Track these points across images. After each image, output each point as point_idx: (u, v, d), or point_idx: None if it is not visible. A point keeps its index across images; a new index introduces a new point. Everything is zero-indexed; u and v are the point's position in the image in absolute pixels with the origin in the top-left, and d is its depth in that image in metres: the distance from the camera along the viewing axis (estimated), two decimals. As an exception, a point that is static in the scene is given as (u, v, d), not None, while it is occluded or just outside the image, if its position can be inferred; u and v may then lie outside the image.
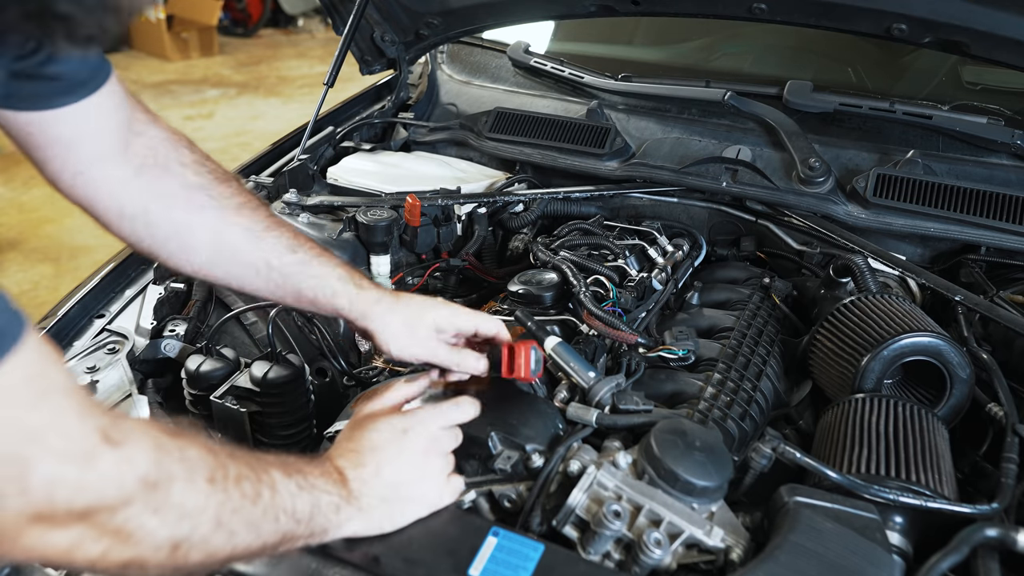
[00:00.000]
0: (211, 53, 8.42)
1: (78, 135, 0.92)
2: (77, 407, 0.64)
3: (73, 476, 0.62)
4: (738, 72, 2.07)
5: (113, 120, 0.96)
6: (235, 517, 0.73)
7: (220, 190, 1.04)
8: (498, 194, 1.78)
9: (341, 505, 0.84)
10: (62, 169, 0.94)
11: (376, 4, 1.96)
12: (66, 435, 0.62)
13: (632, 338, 1.23)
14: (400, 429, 0.93)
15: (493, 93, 2.15)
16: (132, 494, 0.65)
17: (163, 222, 1.01)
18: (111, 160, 0.97)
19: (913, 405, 1.12)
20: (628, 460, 0.95)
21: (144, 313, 1.47)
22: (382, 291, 1.08)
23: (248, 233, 1.04)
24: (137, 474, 0.66)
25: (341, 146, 2.04)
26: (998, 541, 0.90)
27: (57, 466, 0.61)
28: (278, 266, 1.04)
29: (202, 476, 0.71)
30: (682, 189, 1.75)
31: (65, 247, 4.22)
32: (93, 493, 0.63)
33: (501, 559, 0.83)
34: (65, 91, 0.88)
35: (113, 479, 0.64)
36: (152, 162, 1.01)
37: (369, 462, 0.89)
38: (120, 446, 0.65)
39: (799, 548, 0.84)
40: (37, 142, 0.91)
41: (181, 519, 0.69)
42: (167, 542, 0.68)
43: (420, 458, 0.92)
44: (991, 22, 1.41)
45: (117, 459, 0.65)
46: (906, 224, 1.57)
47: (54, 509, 0.61)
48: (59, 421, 0.62)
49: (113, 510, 0.65)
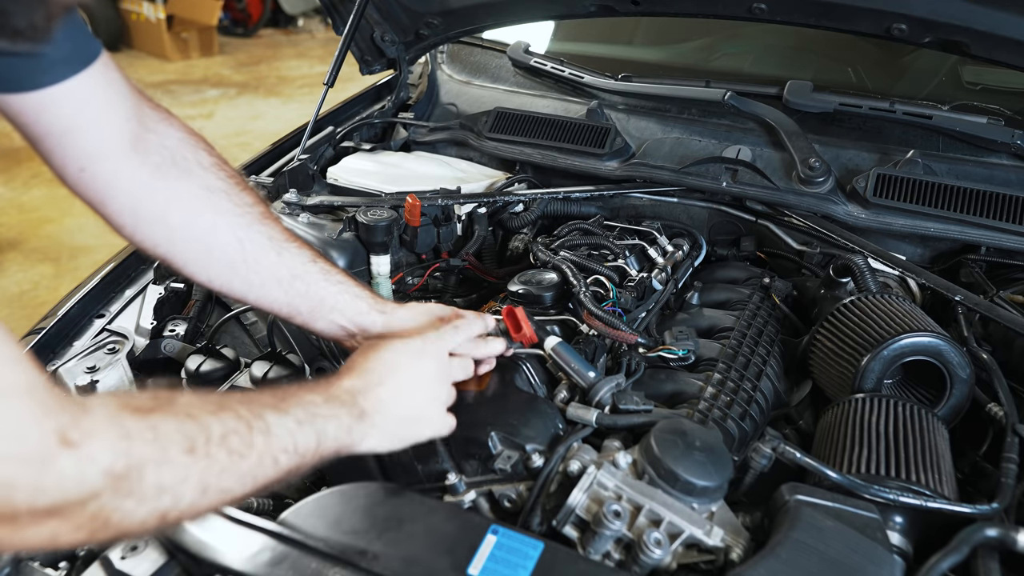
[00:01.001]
0: (211, 53, 8.43)
1: (73, 123, 0.89)
2: (33, 408, 0.62)
3: (30, 479, 0.61)
4: (738, 72, 2.07)
5: (112, 108, 0.93)
6: (223, 476, 0.73)
7: (242, 196, 1.03)
8: (498, 194, 1.78)
9: (353, 425, 0.86)
10: (64, 163, 0.91)
11: (376, 4, 1.96)
12: (20, 438, 0.60)
13: (632, 338, 1.23)
14: (416, 351, 0.96)
15: (493, 93, 2.15)
16: (97, 488, 0.64)
17: (184, 227, 0.98)
18: (120, 156, 0.94)
19: (913, 405, 1.12)
20: (628, 460, 0.95)
21: (144, 313, 1.47)
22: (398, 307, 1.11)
23: (272, 242, 1.03)
24: (100, 468, 0.64)
25: (341, 146, 2.04)
26: (998, 541, 0.90)
27: (12, 469, 0.60)
28: (302, 274, 1.04)
29: (179, 449, 0.70)
30: (682, 189, 1.75)
31: (65, 247, 4.23)
32: (55, 492, 0.62)
33: (501, 557, 0.83)
34: (44, 70, 0.84)
35: (73, 478, 0.63)
36: (170, 162, 0.98)
37: (387, 380, 0.92)
38: (79, 446, 0.63)
39: (800, 545, 0.84)
40: (34, 133, 0.89)
41: (160, 495, 0.68)
42: (152, 515, 0.68)
43: (432, 380, 0.96)
44: (991, 22, 1.41)
45: (76, 459, 0.63)
46: (906, 224, 1.57)
47: (16, 511, 0.61)
48: (12, 424, 0.60)
49: (82, 503, 0.64)
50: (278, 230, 1.04)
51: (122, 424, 0.67)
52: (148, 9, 8.02)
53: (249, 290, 1.04)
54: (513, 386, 1.13)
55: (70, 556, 1.00)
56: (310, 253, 1.07)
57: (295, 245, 1.05)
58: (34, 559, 0.98)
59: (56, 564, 0.98)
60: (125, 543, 0.92)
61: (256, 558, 0.85)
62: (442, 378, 0.98)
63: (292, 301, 1.05)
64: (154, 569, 0.89)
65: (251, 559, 0.85)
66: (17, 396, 0.61)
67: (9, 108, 0.86)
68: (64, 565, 0.98)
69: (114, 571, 0.89)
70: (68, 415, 0.64)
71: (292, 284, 1.04)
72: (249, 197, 1.04)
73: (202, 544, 0.87)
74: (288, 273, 1.03)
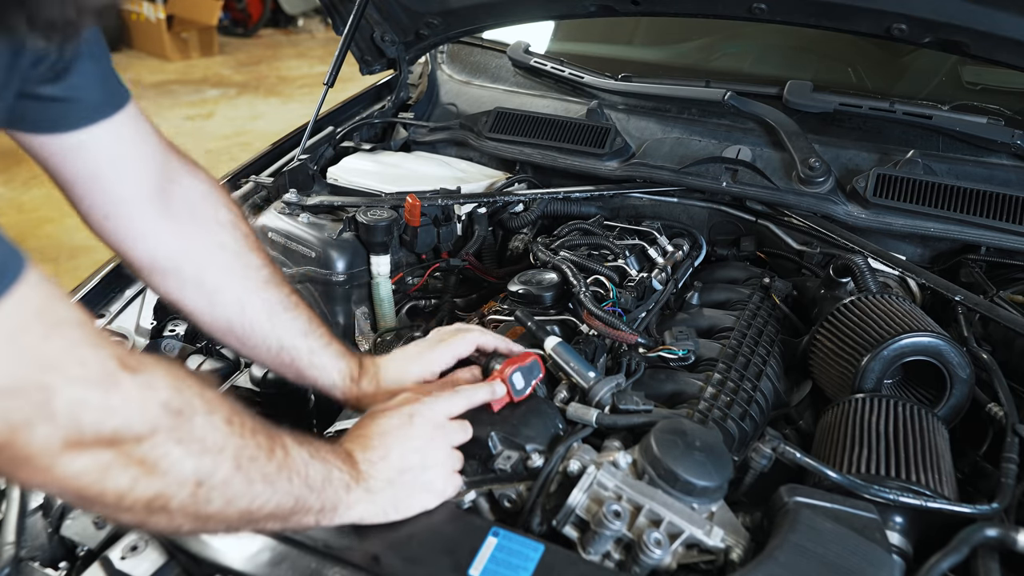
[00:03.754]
0: (211, 53, 8.42)
1: (101, 168, 0.92)
2: (89, 337, 0.64)
3: (97, 400, 0.63)
4: (738, 72, 2.07)
5: (140, 155, 0.95)
6: (253, 465, 0.74)
7: (250, 259, 1.06)
8: (498, 194, 1.78)
9: (351, 484, 0.86)
10: (90, 208, 0.95)
11: (376, 4, 1.96)
12: (83, 362, 0.63)
13: (632, 338, 1.23)
14: (407, 415, 0.95)
15: (493, 93, 2.15)
16: (156, 421, 0.67)
17: (194, 282, 1.02)
18: (145, 204, 0.97)
19: (913, 405, 1.12)
20: (628, 460, 0.95)
21: (144, 313, 1.47)
22: (376, 382, 1.11)
23: (269, 310, 1.06)
24: (159, 399, 0.67)
25: (341, 146, 2.04)
26: (998, 541, 0.90)
27: (80, 391, 0.62)
28: (289, 347, 1.07)
29: (221, 416, 0.73)
30: (682, 189, 1.75)
31: (65, 247, 4.22)
32: (119, 417, 0.65)
33: (501, 559, 0.83)
34: (78, 113, 0.87)
35: (136, 402, 0.66)
36: (189, 216, 1.01)
37: (377, 445, 0.91)
38: (139, 372, 0.66)
39: (799, 548, 0.84)
40: (65, 177, 0.91)
41: (204, 453, 0.70)
42: (191, 476, 0.70)
43: (426, 443, 0.93)
44: (991, 22, 1.41)
45: (138, 384, 0.66)
46: (906, 224, 1.57)
47: (82, 434, 0.63)
48: (75, 350, 0.63)
49: (139, 439, 0.66)
50: (278, 297, 1.07)
51: (171, 368, 0.71)
52: (148, 9, 8.02)
53: (242, 348, 1.09)
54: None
55: (70, 556, 1.00)
56: (304, 324, 1.09)
57: (290, 316, 1.08)
58: (34, 559, 0.98)
59: (56, 564, 0.99)
60: (125, 543, 0.92)
61: (256, 558, 0.85)
62: (437, 439, 0.95)
63: (279, 368, 1.10)
64: (154, 569, 0.89)
65: (251, 559, 0.85)
66: (70, 326, 0.63)
67: (42, 150, 0.88)
68: (64, 565, 0.98)
69: (114, 571, 0.89)
70: (123, 346, 0.67)
71: (279, 355, 1.08)
72: (258, 259, 1.07)
73: (202, 544, 0.87)
74: (277, 344, 1.07)
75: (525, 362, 1.06)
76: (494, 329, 1.32)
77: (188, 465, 0.69)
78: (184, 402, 0.70)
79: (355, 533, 0.87)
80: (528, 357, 1.08)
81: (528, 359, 1.07)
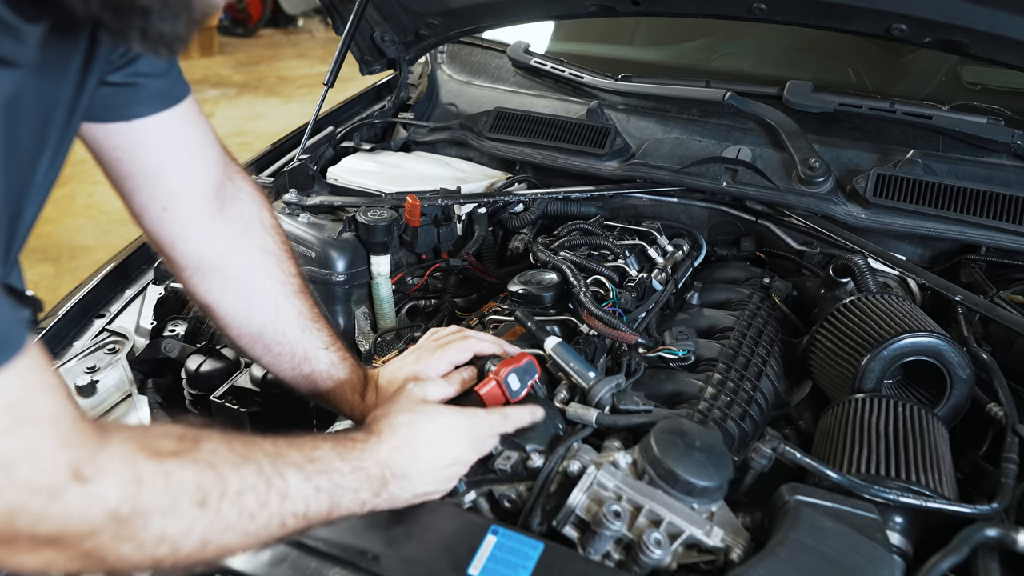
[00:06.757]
0: (211, 53, 8.43)
1: (167, 158, 0.91)
2: (53, 439, 0.62)
3: (36, 507, 0.61)
4: (738, 72, 2.07)
5: (203, 148, 0.95)
6: (226, 533, 0.72)
7: (288, 265, 1.06)
8: (498, 194, 1.78)
9: (368, 501, 0.85)
10: (148, 201, 0.93)
11: (376, 4, 1.96)
12: (35, 467, 0.61)
13: (632, 338, 1.23)
14: (463, 428, 0.94)
15: (493, 93, 2.15)
16: (98, 527, 0.64)
17: (236, 280, 1.01)
18: (203, 199, 0.96)
19: (913, 405, 1.12)
20: (628, 460, 0.95)
21: (144, 313, 1.47)
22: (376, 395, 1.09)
23: (300, 319, 1.06)
24: (105, 508, 0.64)
25: (341, 146, 2.04)
26: (998, 541, 0.90)
27: (21, 497, 0.60)
28: (312, 359, 1.07)
29: (190, 501, 0.69)
30: (682, 189, 1.75)
31: (65, 247, 4.22)
32: (56, 523, 0.62)
33: (501, 558, 0.83)
34: (145, 99, 0.87)
35: (77, 513, 0.63)
36: (239, 215, 1.01)
37: (423, 456, 0.89)
38: (90, 482, 0.63)
39: (800, 545, 0.84)
40: (127, 169, 0.90)
41: (160, 543, 0.68)
42: (146, 561, 0.68)
43: (463, 452, 0.94)
44: (991, 22, 1.41)
45: (84, 496, 0.63)
46: (906, 224, 1.57)
47: (15, 535, 0.61)
48: (31, 452, 0.61)
49: (80, 539, 0.64)
50: (307, 306, 1.07)
51: (136, 467, 0.67)
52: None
53: (266, 355, 1.07)
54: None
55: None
56: (327, 337, 1.09)
57: (317, 327, 1.08)
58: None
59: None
60: None
61: (256, 558, 0.85)
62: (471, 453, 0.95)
63: (295, 379, 1.09)
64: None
65: (251, 559, 0.85)
66: (40, 424, 0.62)
67: (108, 141, 0.88)
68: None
69: (114, 571, 0.89)
70: (86, 450, 0.64)
71: (301, 366, 1.07)
72: (293, 267, 1.07)
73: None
74: (303, 354, 1.06)
75: (520, 363, 1.05)
76: (494, 329, 1.32)
77: (141, 554, 0.68)
78: (137, 506, 0.66)
79: (355, 533, 0.87)
80: (523, 358, 1.06)
81: (523, 360, 1.06)
